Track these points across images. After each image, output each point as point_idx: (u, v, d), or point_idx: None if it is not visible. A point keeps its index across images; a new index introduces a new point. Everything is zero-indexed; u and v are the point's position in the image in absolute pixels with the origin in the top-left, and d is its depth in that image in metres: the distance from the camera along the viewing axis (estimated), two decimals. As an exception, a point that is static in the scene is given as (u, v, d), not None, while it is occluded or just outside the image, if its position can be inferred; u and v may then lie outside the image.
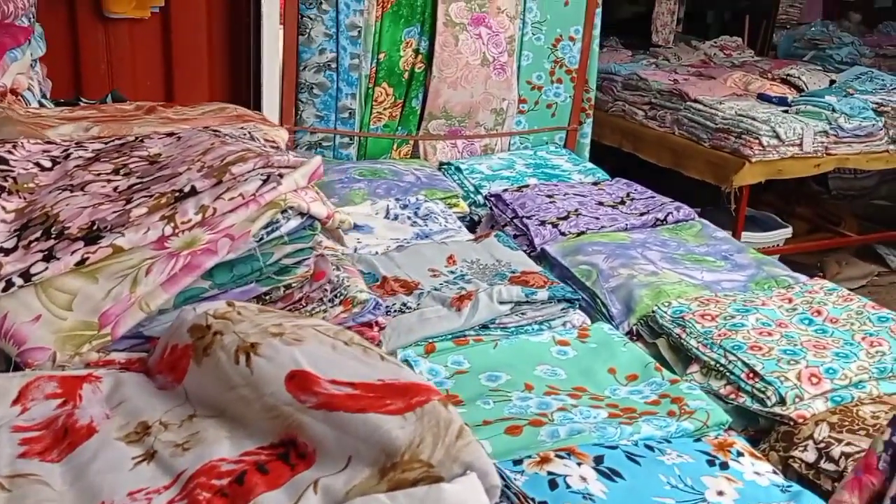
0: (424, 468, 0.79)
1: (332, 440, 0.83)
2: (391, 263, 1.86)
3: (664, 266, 1.95)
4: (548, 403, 1.44)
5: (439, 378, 1.51)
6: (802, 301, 1.74)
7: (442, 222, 2.17)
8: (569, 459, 1.24)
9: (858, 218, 4.62)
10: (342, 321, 1.18)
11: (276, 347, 0.90)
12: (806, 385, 1.43)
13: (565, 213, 2.25)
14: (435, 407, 0.85)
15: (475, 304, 1.67)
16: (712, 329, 1.62)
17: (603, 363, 1.58)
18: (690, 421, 1.38)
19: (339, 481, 0.80)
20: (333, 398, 0.85)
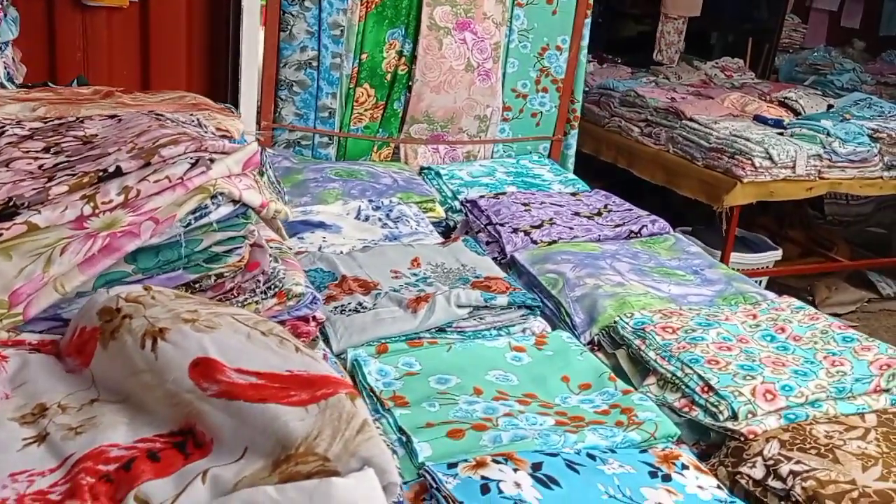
0: (320, 462, 0.76)
1: (230, 430, 0.80)
2: (353, 263, 1.84)
3: (631, 278, 1.92)
4: (494, 409, 1.41)
5: (388, 379, 1.48)
6: (767, 318, 1.71)
7: (413, 225, 2.15)
8: (505, 465, 1.21)
9: (852, 244, 4.58)
10: (276, 314, 1.15)
11: (185, 333, 0.88)
12: (760, 401, 1.39)
13: (539, 221, 2.23)
14: (340, 400, 0.82)
15: (431, 306, 1.64)
16: (672, 342, 1.59)
17: (557, 371, 1.55)
18: (638, 432, 1.34)
19: (229, 472, 0.76)
20: (235, 387, 0.82)
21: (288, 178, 2.35)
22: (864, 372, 1.49)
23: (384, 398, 1.41)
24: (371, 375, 1.48)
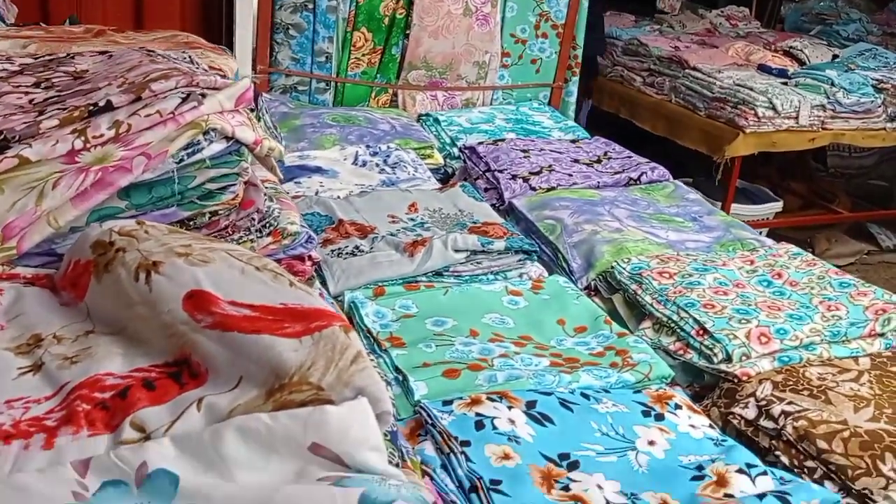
0: (313, 391, 0.77)
1: (225, 360, 0.81)
2: (350, 207, 1.83)
3: (630, 224, 1.91)
4: (490, 350, 1.41)
5: (385, 321, 1.49)
6: (764, 264, 1.71)
7: (410, 171, 2.14)
8: (500, 403, 1.22)
9: (853, 197, 4.57)
10: (271, 253, 1.15)
11: (179, 266, 0.88)
12: (754, 344, 1.40)
13: (538, 168, 2.21)
14: (334, 332, 0.82)
15: (428, 250, 1.64)
16: (668, 286, 1.59)
17: (553, 314, 1.56)
18: (632, 373, 1.35)
19: (224, 400, 0.77)
20: (229, 318, 0.82)
21: (285, 123, 2.33)
22: (860, 316, 1.50)
23: (381, 339, 1.42)
24: (368, 317, 1.49)
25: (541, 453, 1.14)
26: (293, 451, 0.72)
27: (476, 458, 1.11)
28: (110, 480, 0.69)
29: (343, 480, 0.71)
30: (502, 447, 1.13)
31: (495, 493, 1.05)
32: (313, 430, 0.73)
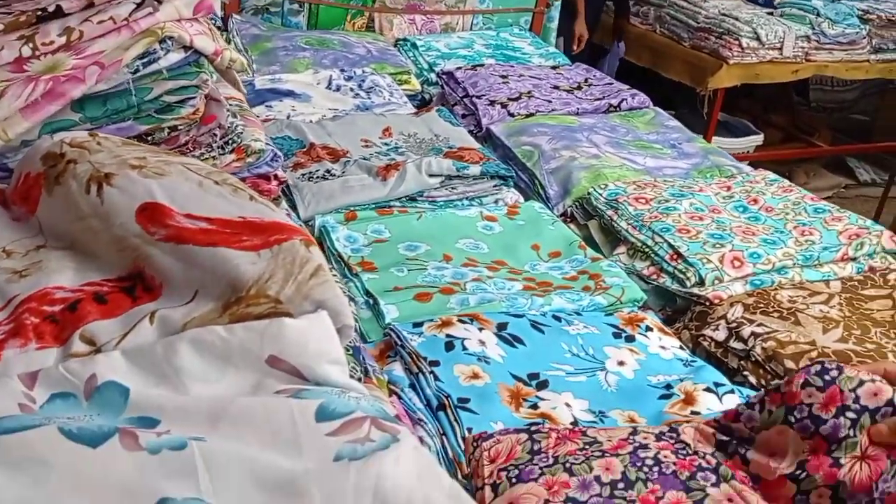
0: (271, 304, 0.75)
1: (179, 274, 0.78)
2: (322, 131, 1.79)
3: (608, 150, 1.88)
4: (463, 274, 1.40)
5: (357, 245, 1.46)
6: (741, 190, 1.69)
7: (386, 96, 2.08)
8: (470, 324, 1.21)
9: (834, 130, 4.55)
10: (235, 171, 1.11)
11: (132, 178, 0.84)
12: (727, 268, 1.39)
13: (517, 94, 2.17)
14: (294, 245, 0.80)
15: (402, 174, 1.61)
16: (644, 212, 1.57)
17: (527, 239, 1.54)
18: (604, 296, 1.35)
19: (178, 314, 0.75)
20: (184, 231, 0.79)
21: (256, 45, 2.25)
22: (833, 241, 1.49)
23: (352, 263, 1.40)
24: (339, 242, 1.46)
25: (510, 373, 1.14)
26: (250, 364, 0.71)
27: (445, 377, 1.10)
28: (59, 393, 0.67)
29: (301, 393, 0.69)
30: (471, 367, 1.13)
31: (463, 411, 1.05)
32: (270, 342, 0.71)
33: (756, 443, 0.83)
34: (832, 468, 0.77)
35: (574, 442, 0.89)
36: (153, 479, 0.59)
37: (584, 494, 0.81)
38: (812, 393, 0.79)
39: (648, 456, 0.84)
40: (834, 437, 0.77)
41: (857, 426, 0.77)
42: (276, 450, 0.63)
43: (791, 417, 0.80)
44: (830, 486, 0.76)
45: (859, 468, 0.76)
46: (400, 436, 0.66)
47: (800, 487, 0.78)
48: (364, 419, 0.67)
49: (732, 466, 0.83)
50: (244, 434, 0.64)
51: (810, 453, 0.78)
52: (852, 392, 0.77)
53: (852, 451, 0.76)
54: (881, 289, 1.39)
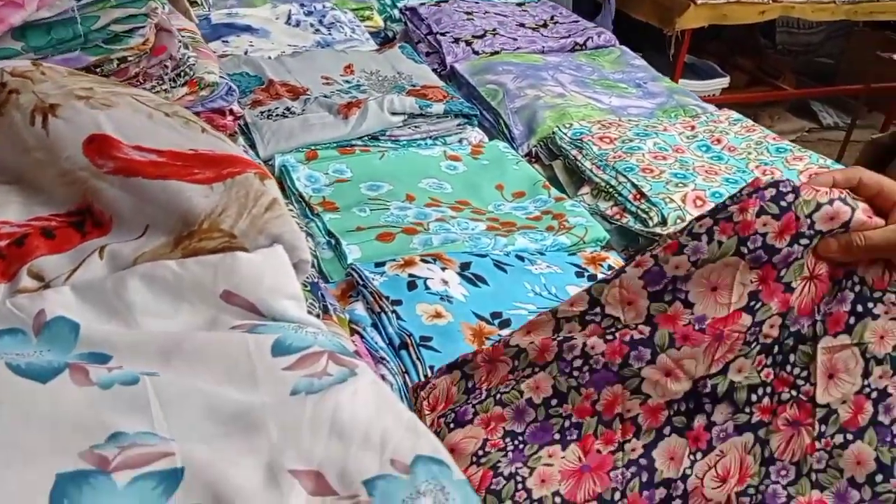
0: (225, 238, 0.73)
1: (129, 208, 0.76)
2: (281, 68, 1.74)
3: (573, 89, 1.86)
4: (426, 214, 1.39)
5: (318, 185, 1.44)
6: (705, 129, 1.69)
7: (347, 32, 2.03)
8: (433, 264, 1.20)
9: (798, 74, 4.57)
10: (188, 105, 1.08)
11: (79, 109, 0.81)
12: (689, 207, 1.39)
13: (482, 31, 2.13)
14: (248, 179, 0.78)
15: (364, 112, 1.58)
16: (608, 151, 1.56)
17: (491, 179, 1.53)
18: (568, 236, 1.34)
19: (129, 248, 0.73)
20: (132, 163, 0.76)
21: (212, -21, 2.17)
22: (794, 179, 1.50)
23: (313, 203, 1.38)
24: (300, 181, 1.43)
25: (473, 312, 1.14)
26: (203, 299, 0.69)
27: (407, 316, 1.10)
28: (6, 329, 0.65)
29: (257, 328, 0.68)
30: (434, 306, 1.12)
31: (425, 349, 1.05)
32: (224, 277, 0.69)
33: (693, 278, 0.75)
34: (785, 294, 0.73)
35: (502, 362, 0.85)
36: (105, 413, 0.58)
37: (521, 424, 0.80)
38: (767, 221, 0.72)
39: (576, 355, 0.79)
40: (784, 263, 0.73)
41: (808, 250, 0.73)
42: (232, 384, 0.62)
43: (743, 248, 0.72)
44: (782, 313, 0.74)
45: (807, 290, 0.73)
46: (358, 370, 0.66)
47: (755, 319, 0.74)
48: (321, 353, 0.66)
49: (670, 320, 0.76)
50: (198, 369, 0.63)
51: (759, 282, 0.73)
52: (808, 218, 0.72)
53: (801, 273, 0.73)
54: (839, 227, 1.41)
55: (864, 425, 0.71)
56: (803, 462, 0.72)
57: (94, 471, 0.52)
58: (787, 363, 0.74)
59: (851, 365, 0.72)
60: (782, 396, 0.74)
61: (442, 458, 0.59)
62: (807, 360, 0.73)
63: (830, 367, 0.73)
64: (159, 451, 0.55)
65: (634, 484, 0.76)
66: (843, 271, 0.73)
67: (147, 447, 0.55)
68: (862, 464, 0.70)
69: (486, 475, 0.78)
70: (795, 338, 0.74)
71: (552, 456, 0.78)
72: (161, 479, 0.53)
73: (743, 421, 0.74)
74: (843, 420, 0.71)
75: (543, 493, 0.76)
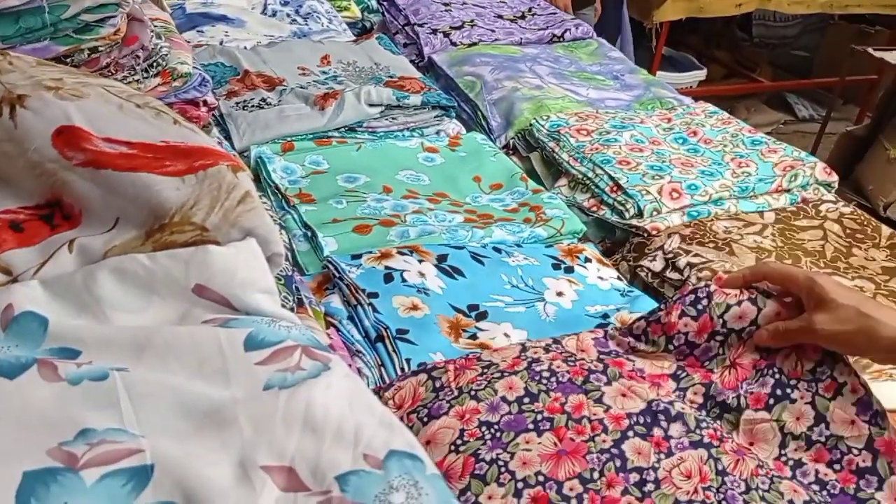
0: (197, 231, 0.72)
1: (99, 200, 0.75)
2: (257, 58, 1.72)
3: (551, 81, 1.86)
4: (403, 206, 1.38)
5: (294, 177, 1.43)
6: (681, 122, 1.70)
7: (324, 23, 2.01)
8: (410, 256, 1.19)
9: (774, 66, 4.60)
10: (161, 95, 1.06)
11: (47, 101, 0.79)
12: (666, 199, 1.40)
13: (460, 22, 2.12)
14: (220, 171, 0.77)
15: (340, 103, 1.57)
16: (585, 143, 1.57)
17: (469, 171, 1.53)
18: (545, 228, 1.35)
19: (99, 241, 0.72)
20: (103, 156, 0.75)
21: (186, -33, 2.14)
22: (768, 173, 1.51)
23: (289, 195, 1.37)
24: (276, 173, 1.42)
25: (450, 304, 1.14)
26: (175, 293, 0.68)
27: (383, 309, 1.09)
28: (-28, 324, 0.63)
29: (230, 322, 0.68)
30: (411, 298, 1.12)
31: (402, 342, 1.04)
32: (196, 270, 0.68)
33: (636, 355, 0.94)
34: (707, 372, 0.90)
35: (472, 370, 0.91)
36: (74, 409, 0.57)
37: (496, 415, 0.84)
38: (688, 322, 0.91)
39: (543, 368, 0.89)
40: (705, 356, 0.91)
41: (725, 345, 0.90)
42: (204, 379, 0.62)
43: (670, 346, 0.92)
44: (704, 384, 0.89)
45: (729, 374, 0.89)
46: (331, 364, 0.65)
47: (679, 385, 0.89)
48: (295, 348, 0.66)
49: (618, 364, 0.91)
50: (170, 364, 0.62)
51: (687, 366, 0.91)
52: (720, 318, 0.90)
53: (722, 364, 0.90)
54: (813, 219, 1.42)
55: (789, 476, 0.83)
56: (751, 480, 0.81)
57: (62, 468, 0.51)
58: (718, 422, 0.87)
59: (770, 436, 0.85)
60: (724, 434, 0.85)
61: (415, 452, 0.59)
62: (731, 427, 0.86)
63: (751, 436, 0.86)
64: (129, 447, 0.54)
65: (610, 466, 0.80)
66: (765, 363, 0.88)
67: (116, 444, 0.54)
68: (798, 493, 0.80)
69: (468, 461, 0.80)
70: (721, 407, 0.87)
71: (529, 442, 0.81)
72: (130, 476, 0.52)
73: (695, 439, 0.83)
74: (772, 466, 0.83)
75: (527, 472, 0.78)
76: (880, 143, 3.28)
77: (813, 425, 0.85)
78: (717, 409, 0.88)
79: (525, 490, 0.77)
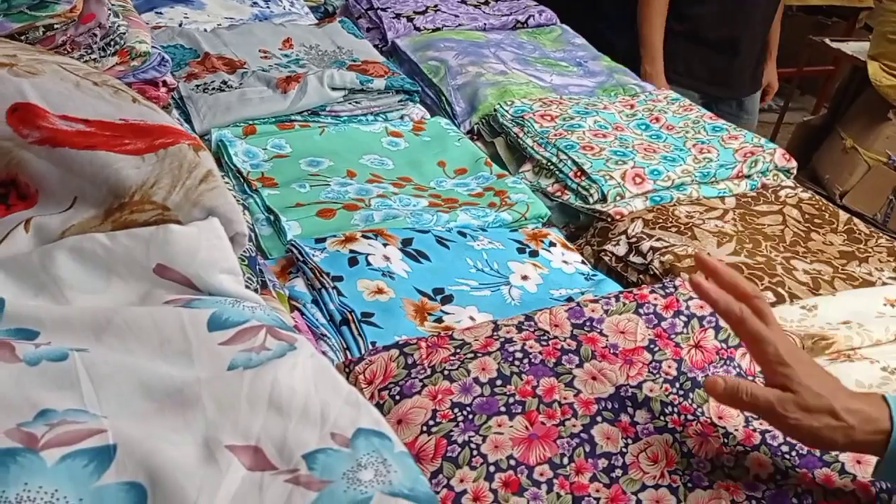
0: (158, 210, 0.71)
1: (56, 179, 0.73)
2: (217, 41, 1.69)
3: (514, 67, 1.86)
4: (368, 190, 1.37)
5: (256, 160, 1.41)
6: (644, 108, 1.71)
7: (286, 6, 1.99)
8: (375, 240, 1.19)
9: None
10: (119, 76, 1.04)
11: (1, 77, 0.77)
12: (629, 184, 1.41)
13: (423, 7, 2.11)
14: (181, 150, 0.75)
15: (303, 86, 1.55)
16: (549, 129, 1.57)
17: (433, 156, 1.52)
18: (509, 212, 1.35)
19: (56, 221, 0.70)
20: (59, 133, 0.73)
21: (144, -52, 2.09)
22: (729, 159, 1.53)
23: (251, 179, 1.35)
24: (237, 156, 1.40)
25: (415, 288, 1.13)
26: (136, 274, 0.67)
27: (348, 292, 1.08)
28: (-77, 305, 0.61)
29: (192, 302, 0.66)
30: (376, 282, 1.11)
31: (367, 325, 1.04)
32: (157, 250, 0.67)
33: (605, 321, 0.98)
34: (676, 348, 0.95)
35: (444, 348, 0.92)
36: (32, 390, 0.56)
37: (468, 397, 0.85)
38: (657, 297, 1.00)
39: (516, 349, 0.91)
40: (672, 331, 0.97)
41: (688, 326, 0.98)
42: (166, 360, 0.61)
43: (640, 310, 0.99)
44: (675, 360, 0.94)
45: (694, 353, 0.95)
46: (297, 344, 0.65)
47: (654, 357, 0.94)
48: (259, 328, 0.65)
49: (591, 341, 0.94)
50: (131, 344, 0.61)
51: (656, 337, 0.96)
52: (685, 302, 1.00)
53: (687, 342, 0.96)
54: (772, 205, 1.45)
55: (757, 444, 0.85)
56: (716, 459, 0.83)
57: (21, 449, 0.50)
58: (687, 398, 0.90)
59: (734, 413, 0.89)
60: (688, 417, 0.88)
61: (382, 430, 0.59)
62: (701, 401, 0.90)
63: (718, 410, 0.89)
64: (90, 428, 0.53)
65: (580, 451, 0.82)
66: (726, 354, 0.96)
67: (77, 424, 0.53)
68: (763, 466, 0.83)
69: (440, 443, 0.80)
70: (692, 382, 0.92)
71: (501, 426, 0.82)
72: (92, 456, 0.51)
73: (660, 425, 0.86)
74: (739, 439, 0.86)
75: (499, 456, 0.79)
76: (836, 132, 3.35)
77: None
78: (688, 383, 0.91)
79: (497, 474, 0.78)
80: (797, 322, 1.11)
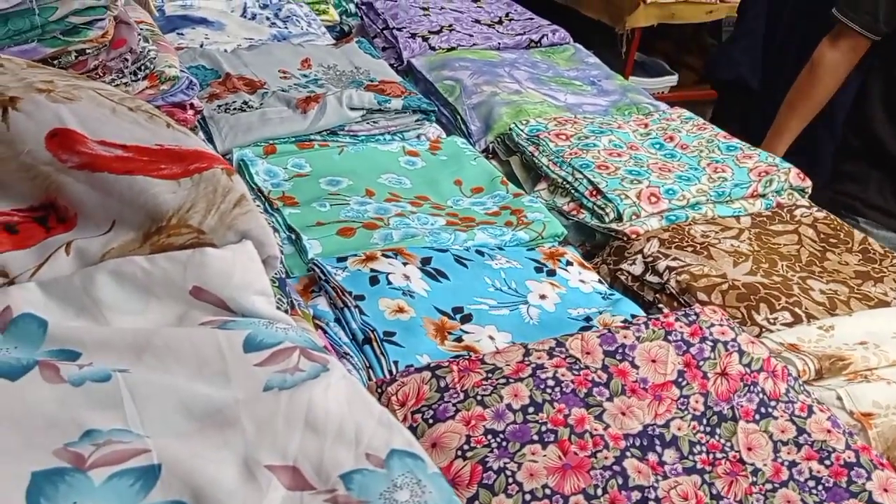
0: (194, 234, 0.73)
1: (95, 203, 0.75)
2: (238, 61, 1.72)
3: (529, 86, 1.89)
4: (386, 209, 1.39)
5: (277, 179, 1.43)
6: (658, 127, 1.73)
7: (304, 26, 2.02)
8: (395, 259, 1.21)
9: (744, 72, 4.68)
10: (149, 98, 1.06)
11: (40, 103, 0.79)
12: (644, 203, 1.43)
13: (438, 27, 2.14)
14: (215, 174, 0.77)
15: (322, 107, 1.57)
16: (564, 148, 1.59)
17: (450, 175, 1.54)
18: (526, 231, 1.37)
19: (96, 244, 0.72)
20: (98, 158, 0.76)
21: (165, -31, 2.13)
22: (744, 178, 1.55)
23: (272, 198, 1.37)
24: (258, 175, 1.43)
25: (435, 307, 1.15)
26: (173, 296, 0.69)
27: (370, 311, 1.10)
28: (-30, 327, 0.64)
29: (227, 324, 0.68)
30: (396, 301, 1.13)
31: (389, 344, 1.05)
32: (194, 273, 0.69)
33: (637, 348, 0.99)
34: (703, 380, 0.97)
35: (476, 372, 0.93)
36: (77, 411, 0.58)
37: (501, 424, 0.86)
38: (682, 326, 1.02)
39: (548, 377, 0.92)
40: (700, 356, 0.99)
41: (714, 350, 1.00)
42: (204, 381, 0.63)
43: (669, 337, 1.00)
44: (703, 393, 0.95)
45: (721, 382, 0.97)
46: (329, 365, 0.66)
47: (682, 392, 0.95)
48: (293, 349, 0.67)
49: (622, 374, 0.95)
50: (170, 365, 0.63)
51: (685, 365, 0.98)
52: (708, 329, 1.02)
53: (714, 368, 0.98)
54: (788, 224, 1.46)
55: (785, 480, 0.88)
56: (745, 499, 0.85)
57: (69, 468, 0.52)
58: (715, 434, 0.92)
59: (763, 442, 0.92)
60: (717, 455, 0.90)
61: (415, 451, 0.60)
62: (729, 434, 0.92)
63: (747, 442, 0.91)
64: (135, 448, 0.55)
65: (613, 483, 0.83)
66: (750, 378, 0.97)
67: (122, 444, 0.55)
68: (792, 502, 0.85)
69: (476, 469, 0.81)
70: (718, 416, 0.94)
71: (535, 454, 0.84)
72: (138, 475, 0.53)
73: (688, 466, 0.88)
74: (768, 475, 0.88)
75: (534, 485, 0.80)
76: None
77: (797, 435, 0.92)
78: (715, 417, 0.94)
79: (532, 502, 0.79)
80: (815, 342, 1.12)
